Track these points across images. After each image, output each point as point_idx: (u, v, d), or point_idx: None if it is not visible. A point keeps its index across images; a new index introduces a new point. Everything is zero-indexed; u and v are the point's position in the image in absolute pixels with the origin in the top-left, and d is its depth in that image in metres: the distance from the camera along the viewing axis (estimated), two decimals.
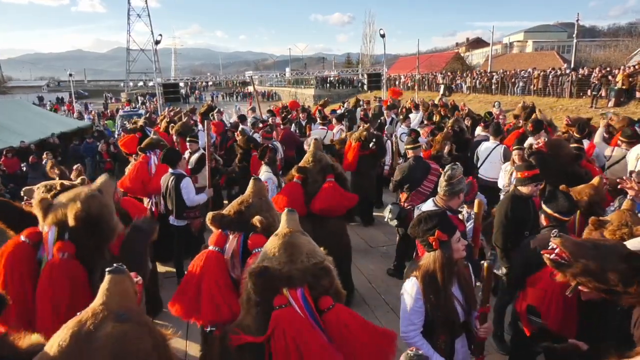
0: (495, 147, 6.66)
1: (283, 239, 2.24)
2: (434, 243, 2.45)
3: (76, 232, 2.71)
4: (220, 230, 3.03)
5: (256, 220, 2.91)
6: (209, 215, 3.06)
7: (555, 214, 3.18)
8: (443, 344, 2.54)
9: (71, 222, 2.70)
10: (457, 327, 2.57)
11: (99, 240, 2.77)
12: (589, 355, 2.28)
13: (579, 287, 2.28)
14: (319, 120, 10.21)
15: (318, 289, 2.13)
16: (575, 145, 5.54)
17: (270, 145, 6.53)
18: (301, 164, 4.87)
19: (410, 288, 2.51)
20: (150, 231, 3.09)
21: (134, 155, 6.87)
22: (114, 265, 1.70)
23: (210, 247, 2.95)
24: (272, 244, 2.27)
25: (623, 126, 6.59)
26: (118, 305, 1.60)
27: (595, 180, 4.02)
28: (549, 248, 2.34)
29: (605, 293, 2.19)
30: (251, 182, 3.25)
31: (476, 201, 3.69)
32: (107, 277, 1.66)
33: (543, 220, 3.30)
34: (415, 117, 10.48)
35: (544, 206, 3.26)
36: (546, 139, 5.32)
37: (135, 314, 1.64)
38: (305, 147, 5.88)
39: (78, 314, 1.60)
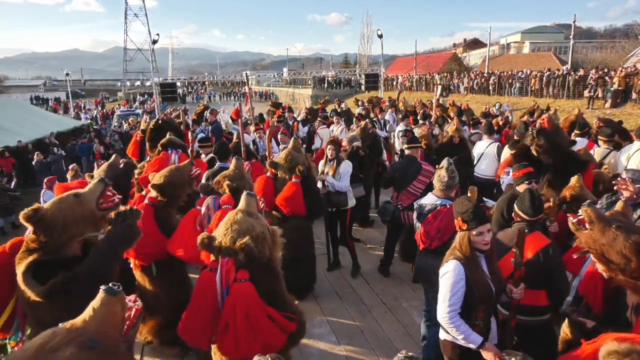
0: (489, 145, 6.83)
1: (229, 217, 2.71)
2: (459, 225, 2.69)
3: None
4: (204, 195, 4.04)
5: (225, 185, 3.91)
6: (199, 185, 4.10)
7: (520, 212, 3.25)
8: (481, 322, 2.66)
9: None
10: (494, 301, 2.73)
11: (50, 240, 2.59)
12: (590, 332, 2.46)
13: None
14: (318, 120, 10.21)
15: (237, 262, 2.56)
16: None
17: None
18: (276, 159, 5.21)
19: (453, 269, 2.62)
20: (126, 237, 2.74)
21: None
22: (110, 284, 1.64)
23: (197, 207, 3.98)
24: (223, 220, 2.75)
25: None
26: (96, 328, 1.56)
27: (573, 180, 4.06)
28: (579, 214, 2.59)
29: (606, 266, 2.47)
30: (233, 160, 4.23)
31: (469, 188, 3.80)
32: (99, 295, 1.61)
33: (514, 215, 3.36)
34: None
35: (515, 203, 3.33)
36: (549, 116, 5.29)
37: (107, 343, 1.57)
38: (344, 143, 6.27)
39: (61, 324, 1.56)
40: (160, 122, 7.22)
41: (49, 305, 2.38)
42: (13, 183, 10.74)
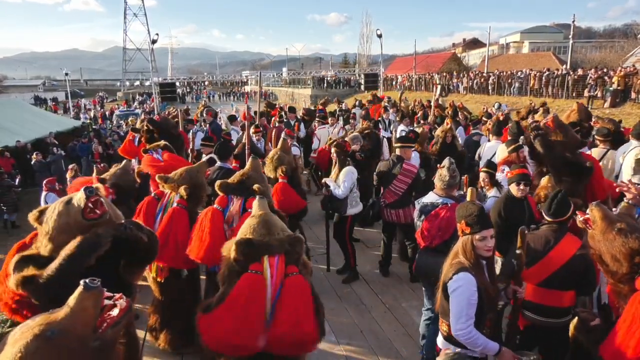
0: (499, 147, 6.64)
1: (260, 218, 2.71)
2: (459, 231, 2.64)
3: None
4: (224, 194, 3.88)
5: (256, 187, 3.74)
6: (217, 182, 3.93)
7: (543, 213, 3.30)
8: (488, 330, 2.64)
9: None
10: (498, 308, 2.72)
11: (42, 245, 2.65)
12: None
13: None
14: (316, 119, 10.16)
15: (293, 255, 2.61)
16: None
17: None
18: (264, 159, 5.33)
19: (466, 282, 2.52)
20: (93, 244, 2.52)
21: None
22: (88, 279, 1.64)
23: (215, 206, 3.79)
24: (250, 222, 2.71)
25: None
26: (62, 320, 1.60)
27: (544, 180, 4.07)
28: (587, 213, 2.59)
29: (601, 268, 2.51)
30: (250, 159, 4.19)
31: (469, 190, 3.81)
32: (78, 288, 1.64)
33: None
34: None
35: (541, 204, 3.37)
36: (555, 116, 5.13)
37: (69, 336, 1.59)
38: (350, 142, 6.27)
39: (51, 311, 1.65)
40: (150, 122, 7.15)
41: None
42: (17, 180, 10.87)
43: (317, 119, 10.00)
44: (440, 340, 2.84)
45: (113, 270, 2.63)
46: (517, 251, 2.80)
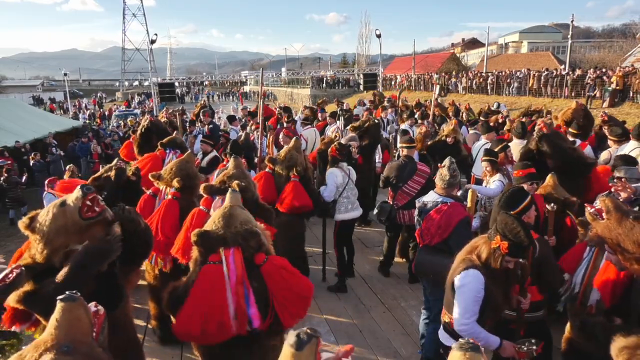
0: (484, 145, 6.69)
1: (224, 211, 2.80)
2: (499, 244, 2.55)
3: None
4: (209, 196, 3.95)
5: (235, 183, 3.74)
6: (202, 186, 4.01)
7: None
8: (488, 327, 2.67)
9: None
10: (503, 312, 2.75)
11: (39, 254, 2.57)
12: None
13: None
14: (300, 120, 9.76)
15: (248, 248, 2.67)
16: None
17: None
18: (276, 156, 5.38)
19: (475, 279, 2.57)
20: (102, 254, 2.49)
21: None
22: (67, 293, 1.62)
23: (200, 207, 3.91)
24: (215, 214, 2.82)
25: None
26: (65, 337, 1.55)
27: (548, 178, 4.11)
28: (596, 205, 2.60)
29: (621, 256, 2.49)
30: (231, 159, 4.32)
31: (469, 191, 3.81)
32: (57, 305, 1.60)
33: None
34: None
35: None
36: (547, 123, 5.26)
37: (82, 346, 1.57)
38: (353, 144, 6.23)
39: (23, 347, 1.58)
40: (148, 125, 7.09)
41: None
42: (24, 178, 10.98)
43: (302, 120, 9.75)
44: (441, 333, 2.89)
45: (110, 271, 2.57)
46: (521, 260, 2.80)
